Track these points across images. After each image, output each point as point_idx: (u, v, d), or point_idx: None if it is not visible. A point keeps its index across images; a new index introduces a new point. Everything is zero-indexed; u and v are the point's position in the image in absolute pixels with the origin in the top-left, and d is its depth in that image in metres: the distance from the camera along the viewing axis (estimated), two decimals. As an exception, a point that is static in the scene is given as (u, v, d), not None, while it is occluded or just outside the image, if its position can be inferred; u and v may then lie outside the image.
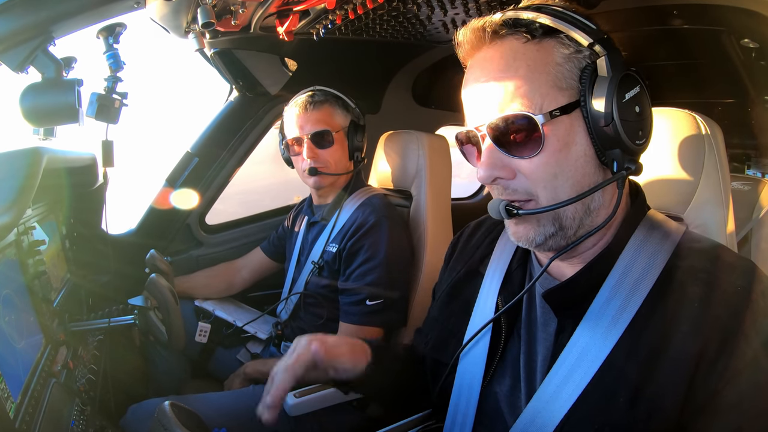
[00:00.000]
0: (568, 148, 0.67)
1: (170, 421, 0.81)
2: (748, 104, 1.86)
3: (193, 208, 1.98)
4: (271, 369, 1.66)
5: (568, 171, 0.67)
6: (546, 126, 0.65)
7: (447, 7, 1.50)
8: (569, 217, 0.69)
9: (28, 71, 1.01)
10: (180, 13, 1.32)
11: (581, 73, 0.67)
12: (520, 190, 0.69)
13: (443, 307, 0.95)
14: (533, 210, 0.68)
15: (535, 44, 0.68)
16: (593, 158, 0.68)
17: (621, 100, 0.65)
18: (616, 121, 0.64)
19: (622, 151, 0.66)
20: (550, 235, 0.70)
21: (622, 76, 0.65)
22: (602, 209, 0.71)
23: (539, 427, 0.70)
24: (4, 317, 0.88)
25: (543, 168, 0.67)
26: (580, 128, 0.67)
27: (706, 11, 1.33)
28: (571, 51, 0.67)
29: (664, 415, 0.61)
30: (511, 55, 0.68)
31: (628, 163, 0.66)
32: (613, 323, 0.67)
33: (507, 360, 0.80)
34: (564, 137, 0.66)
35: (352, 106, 1.66)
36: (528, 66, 0.67)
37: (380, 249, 1.48)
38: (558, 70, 0.67)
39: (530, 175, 0.68)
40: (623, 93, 0.65)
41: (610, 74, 0.65)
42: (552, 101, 0.66)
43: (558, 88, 0.67)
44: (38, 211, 1.24)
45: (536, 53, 0.67)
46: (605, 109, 0.64)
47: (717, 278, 0.65)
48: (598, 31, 0.67)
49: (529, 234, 0.71)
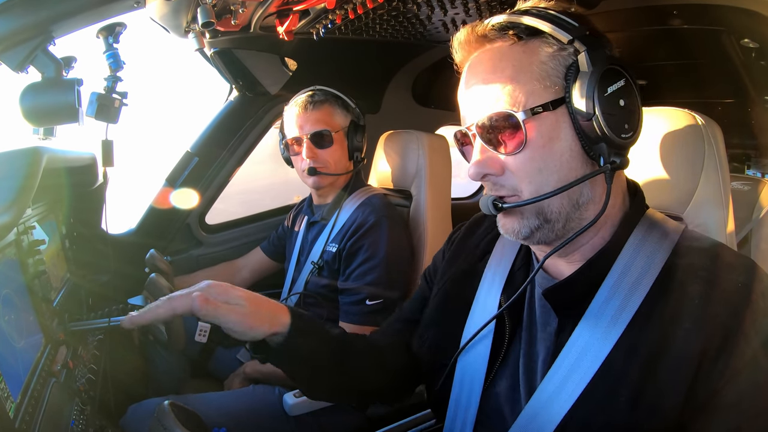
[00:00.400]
0: (552, 144, 0.68)
1: (170, 420, 0.81)
2: (748, 104, 1.86)
3: (193, 207, 1.98)
4: (271, 369, 1.66)
5: (552, 166, 0.68)
6: (528, 122, 0.67)
7: (447, 7, 1.50)
8: (554, 211, 0.70)
9: (28, 71, 1.00)
10: (180, 13, 1.32)
11: (566, 71, 0.68)
12: (506, 186, 0.71)
13: (440, 307, 0.95)
14: (516, 203, 0.70)
15: (522, 45, 0.70)
16: (580, 153, 0.69)
17: (603, 94, 0.65)
18: (598, 114, 0.65)
19: (608, 145, 0.66)
20: (536, 228, 0.71)
21: (604, 71, 0.66)
22: (591, 204, 0.71)
23: (539, 427, 0.70)
24: (3, 317, 0.88)
25: (528, 164, 0.69)
26: (565, 124, 0.68)
27: (706, 11, 1.33)
28: (554, 49, 0.69)
29: (664, 414, 0.61)
30: (498, 57, 0.71)
31: (614, 157, 0.67)
32: (612, 322, 0.68)
33: (507, 360, 0.80)
34: (548, 133, 0.68)
35: (352, 106, 1.65)
36: (513, 66, 0.69)
37: (380, 249, 1.48)
38: (542, 69, 0.68)
39: (516, 171, 0.70)
40: (605, 87, 0.66)
41: (590, 69, 0.66)
42: (537, 98, 0.68)
43: (543, 86, 0.68)
44: (38, 211, 1.24)
45: (522, 54, 0.70)
46: (586, 104, 0.65)
47: (717, 276, 0.65)
48: (580, 28, 0.68)
49: (515, 226, 0.72)
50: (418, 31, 1.79)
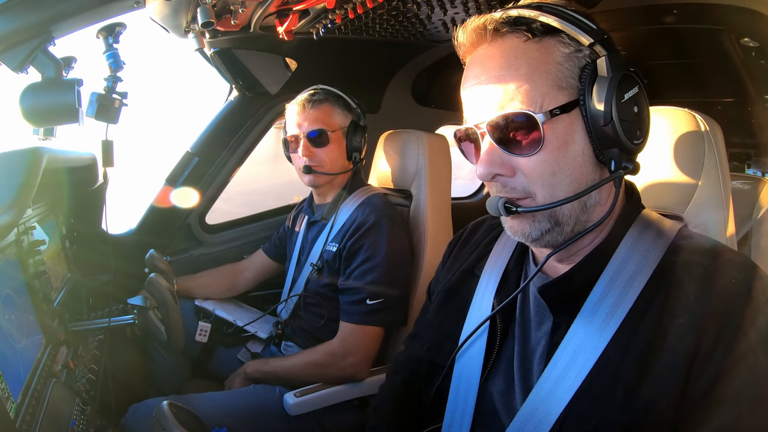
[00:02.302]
0: (566, 147, 0.67)
1: (168, 420, 0.81)
2: (748, 103, 1.86)
3: (193, 207, 1.99)
4: (271, 369, 1.66)
5: (566, 169, 0.68)
6: (546, 124, 0.66)
7: (447, 7, 1.50)
8: (566, 214, 0.70)
9: (28, 71, 1.00)
10: (180, 13, 1.32)
11: (581, 72, 0.67)
12: (518, 188, 0.70)
13: (439, 309, 0.96)
14: (531, 208, 0.69)
15: (536, 43, 0.68)
16: (591, 157, 0.69)
17: (620, 100, 0.65)
18: (615, 120, 0.64)
19: (620, 151, 0.66)
20: (546, 231, 0.70)
21: (622, 77, 0.65)
22: (598, 207, 0.72)
23: (536, 425, 0.70)
24: (4, 317, 0.88)
25: (542, 166, 0.67)
26: (578, 127, 0.68)
27: (706, 10, 1.33)
28: (571, 50, 0.68)
29: (661, 409, 0.61)
30: (512, 54, 0.68)
31: (625, 162, 0.67)
32: (607, 319, 0.68)
33: (502, 360, 0.81)
34: (563, 136, 0.67)
35: (353, 106, 1.66)
36: (529, 65, 0.67)
37: (381, 248, 1.48)
38: (558, 69, 0.67)
39: (529, 173, 0.68)
40: (622, 93, 0.66)
41: (610, 74, 0.65)
42: (552, 100, 0.66)
43: (558, 87, 0.67)
44: (38, 211, 1.24)
45: (537, 52, 0.67)
46: (604, 109, 0.65)
47: (712, 272, 0.65)
48: (599, 30, 0.67)
49: (525, 229, 0.71)
50: (418, 31, 1.79)
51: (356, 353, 1.44)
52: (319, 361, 1.46)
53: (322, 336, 1.53)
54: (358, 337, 1.45)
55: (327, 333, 1.53)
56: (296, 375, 1.47)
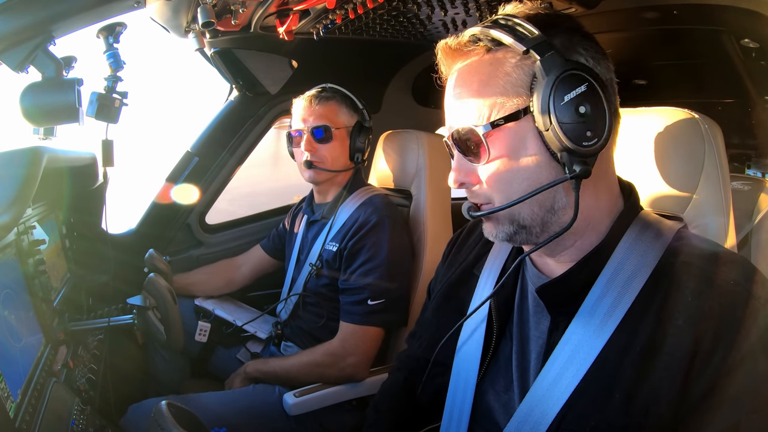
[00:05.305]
0: (517, 154, 0.69)
1: (166, 420, 0.81)
2: (748, 104, 1.86)
3: (193, 207, 1.98)
4: (271, 368, 1.66)
5: (521, 176, 0.69)
6: (490, 135, 0.69)
7: (447, 7, 1.50)
8: (525, 218, 0.71)
9: (28, 71, 1.00)
10: (180, 13, 1.32)
11: (531, 80, 0.68)
12: (480, 194, 0.74)
13: (438, 308, 0.96)
14: (485, 212, 0.73)
15: (490, 56, 0.71)
16: (549, 161, 0.68)
17: (559, 103, 0.64)
18: (554, 125, 0.64)
19: (569, 154, 0.65)
20: (513, 233, 0.73)
21: (562, 78, 0.64)
22: (569, 209, 0.71)
23: (533, 425, 0.70)
24: (4, 316, 0.88)
25: (496, 174, 0.71)
26: (531, 133, 0.68)
27: (706, 11, 1.33)
28: (518, 59, 0.69)
29: (659, 410, 0.61)
30: (467, 71, 0.73)
31: (577, 165, 0.65)
32: (605, 320, 0.68)
33: (500, 359, 0.81)
34: (512, 144, 0.69)
35: (360, 107, 1.66)
36: (480, 80, 0.70)
37: (382, 248, 1.48)
38: (506, 80, 0.69)
39: (486, 180, 0.72)
40: (562, 95, 0.64)
41: (544, 78, 0.65)
42: (499, 110, 0.69)
43: (507, 97, 0.69)
44: (38, 211, 1.24)
45: (489, 66, 0.70)
46: (542, 114, 0.65)
47: (711, 273, 0.65)
48: (537, 36, 0.66)
49: (492, 231, 0.76)
50: (418, 31, 1.79)
51: (356, 353, 1.45)
52: (319, 361, 1.46)
53: (322, 336, 1.53)
54: (359, 337, 1.45)
55: (326, 333, 1.53)
56: (296, 375, 1.47)
